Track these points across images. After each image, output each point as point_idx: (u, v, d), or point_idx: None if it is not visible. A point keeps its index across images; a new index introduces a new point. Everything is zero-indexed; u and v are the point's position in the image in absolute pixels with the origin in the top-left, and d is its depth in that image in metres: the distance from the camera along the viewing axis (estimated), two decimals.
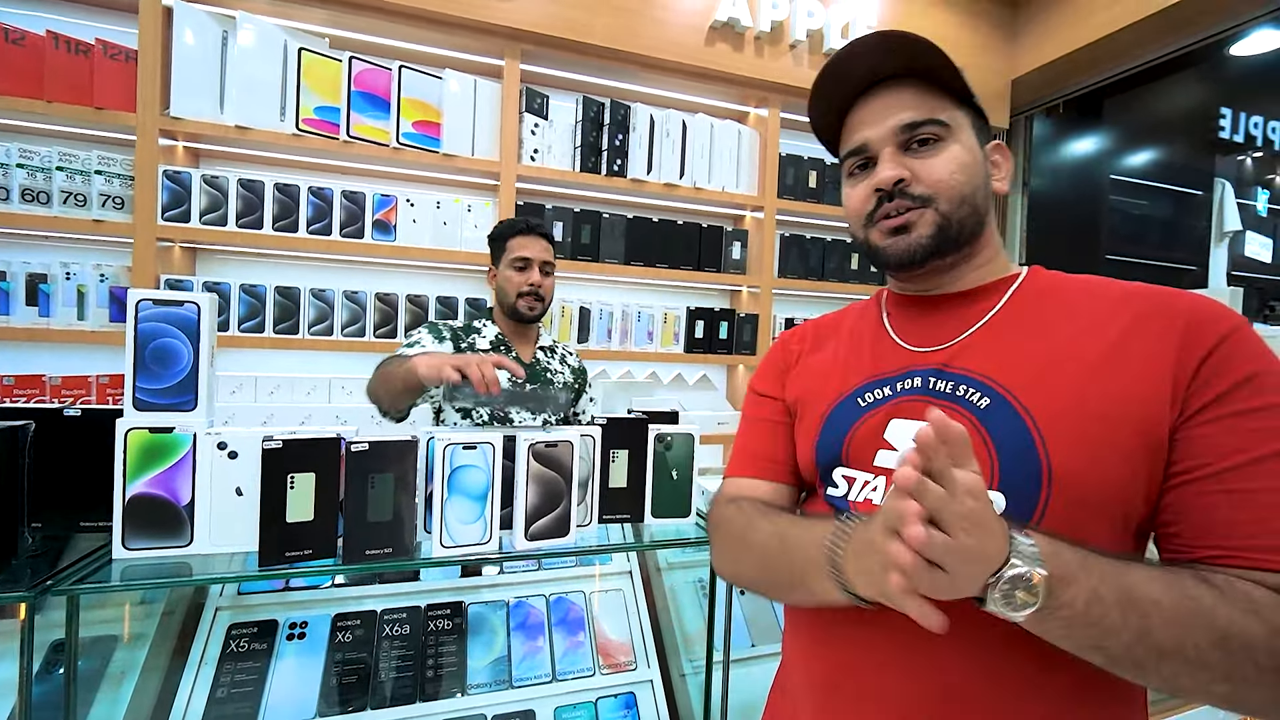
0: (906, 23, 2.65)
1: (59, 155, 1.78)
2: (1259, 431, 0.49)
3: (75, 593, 0.74)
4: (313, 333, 2.02)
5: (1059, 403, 0.54)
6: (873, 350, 0.68)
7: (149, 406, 0.83)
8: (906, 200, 0.62)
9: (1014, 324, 0.61)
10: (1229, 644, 0.44)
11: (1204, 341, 0.52)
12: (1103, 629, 0.45)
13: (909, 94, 0.63)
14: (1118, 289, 0.60)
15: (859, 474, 0.64)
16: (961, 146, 0.62)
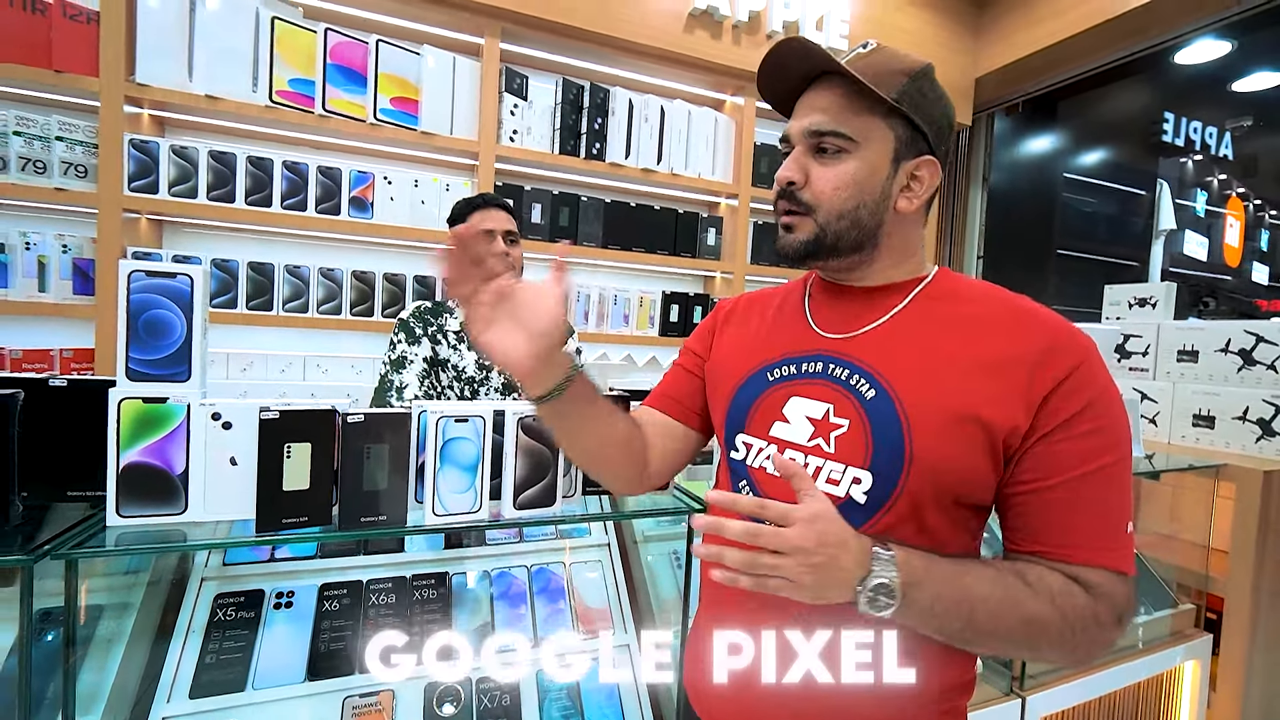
0: (876, 16, 2.73)
1: (15, 120, 1.71)
2: (1085, 453, 0.59)
3: (73, 557, 0.76)
4: (287, 310, 2.00)
5: (929, 401, 0.62)
6: (790, 330, 0.75)
7: (142, 377, 0.84)
8: (796, 204, 0.68)
9: (909, 324, 0.67)
10: (1031, 626, 0.58)
11: (1058, 369, 0.60)
12: (942, 620, 0.58)
13: (834, 97, 0.65)
14: (1001, 304, 0.66)
15: (756, 441, 0.71)
16: (860, 163, 0.65)
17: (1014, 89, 3.10)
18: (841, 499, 0.64)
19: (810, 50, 0.65)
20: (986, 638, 0.59)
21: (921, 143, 0.67)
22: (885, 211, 0.67)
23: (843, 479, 0.64)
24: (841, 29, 2.60)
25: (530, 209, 2.27)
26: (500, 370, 1.56)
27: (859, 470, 0.63)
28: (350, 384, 2.05)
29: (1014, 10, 2.85)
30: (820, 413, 0.67)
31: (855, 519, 0.61)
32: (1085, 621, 0.58)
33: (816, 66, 0.67)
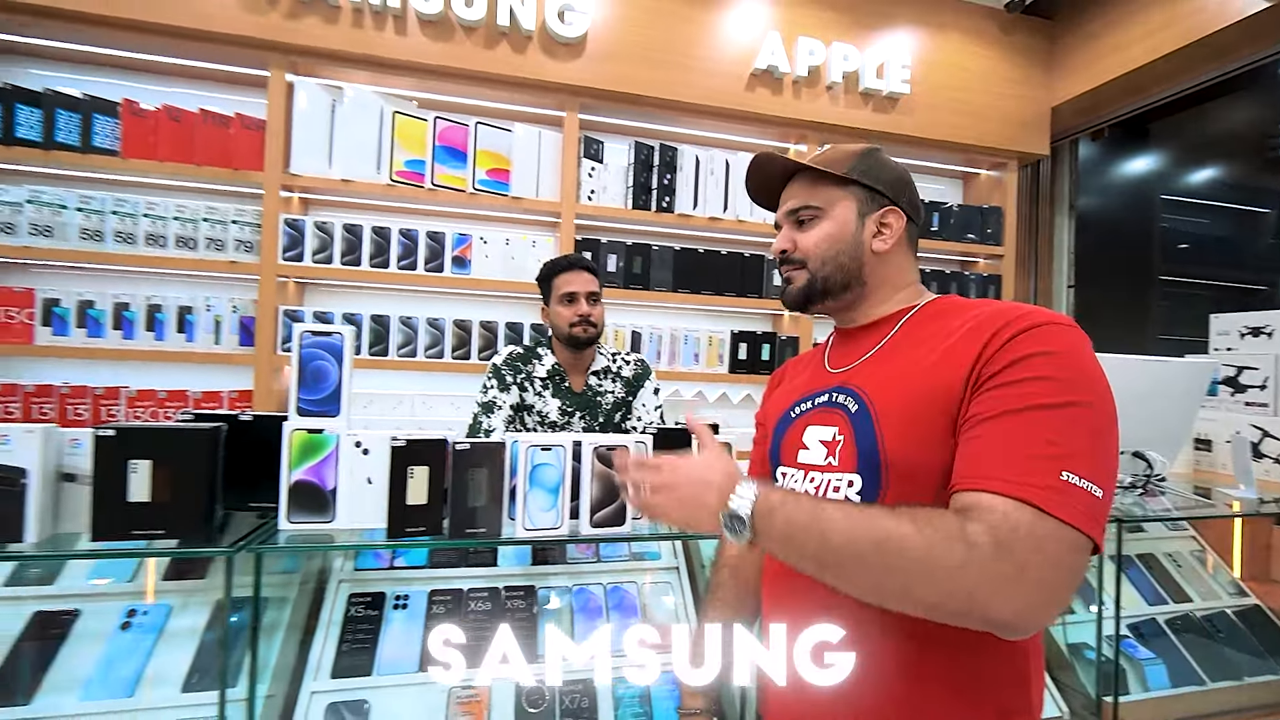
0: (939, 59, 2.79)
1: (205, 209, 2.15)
2: (1013, 395, 0.60)
3: (262, 551, 0.99)
4: (400, 354, 2.31)
5: (895, 404, 0.71)
6: (812, 374, 0.89)
7: (307, 413, 1.08)
8: (790, 264, 0.86)
9: (896, 346, 0.78)
10: (885, 546, 0.56)
11: (1004, 335, 0.64)
12: (799, 542, 0.61)
13: (799, 187, 0.85)
14: (985, 309, 0.71)
15: (790, 470, 0.82)
16: (831, 223, 0.82)
17: (1096, 115, 3.02)
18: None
19: (776, 159, 0.86)
20: (845, 562, 0.58)
21: (881, 199, 0.82)
22: (863, 254, 0.82)
23: (842, 485, 0.74)
24: (902, 74, 2.69)
25: (606, 259, 2.49)
26: (582, 416, 1.74)
27: (851, 474, 0.73)
28: (450, 419, 2.32)
29: (1089, 40, 2.81)
30: (830, 435, 0.78)
31: None
32: (948, 539, 0.54)
33: (785, 170, 0.87)
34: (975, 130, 2.84)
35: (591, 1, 2.38)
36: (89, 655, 1.13)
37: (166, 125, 2.12)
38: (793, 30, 2.59)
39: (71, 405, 2.06)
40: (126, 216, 2.11)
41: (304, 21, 2.16)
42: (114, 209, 2.10)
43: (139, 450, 0.96)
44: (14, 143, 2.02)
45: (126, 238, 2.11)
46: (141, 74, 2.27)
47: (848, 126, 2.67)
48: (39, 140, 2.04)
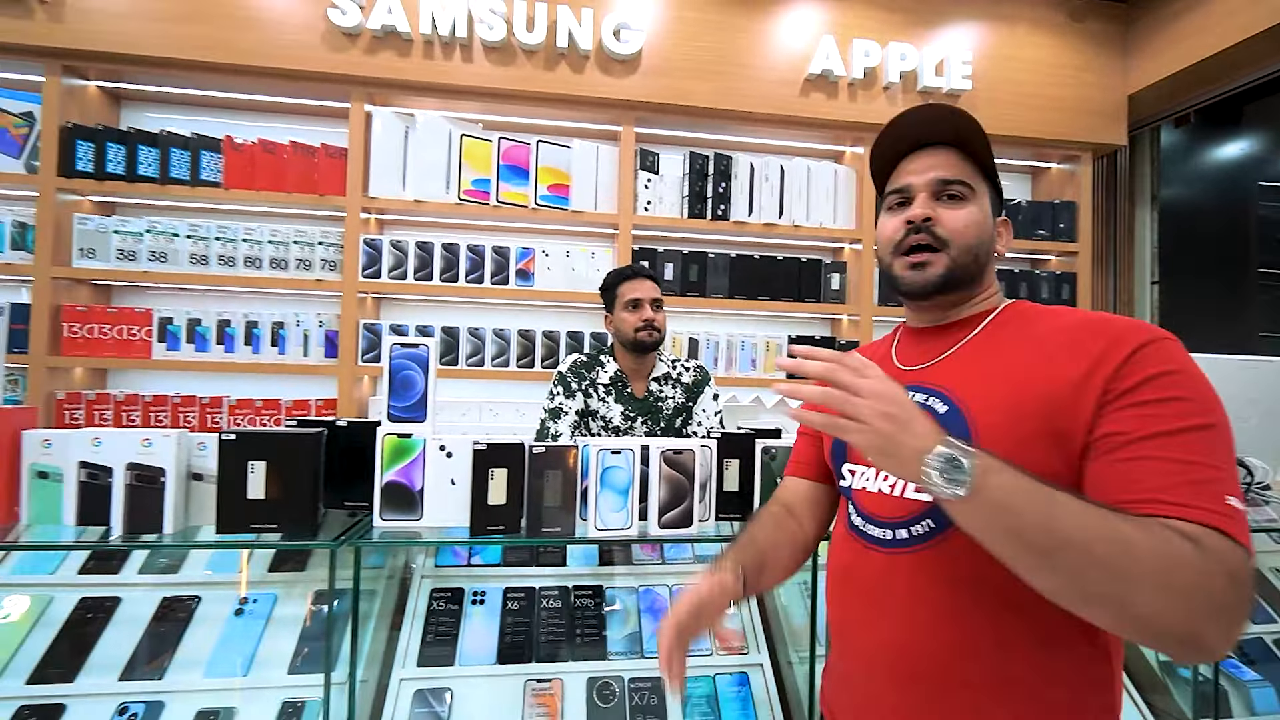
0: (1002, 52, 2.70)
1: (295, 232, 2.34)
2: (1159, 417, 0.58)
3: (361, 545, 1.08)
4: (468, 364, 2.43)
5: (992, 408, 0.68)
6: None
7: (397, 419, 1.18)
8: (929, 236, 0.76)
9: (979, 348, 0.76)
10: (1120, 546, 0.51)
11: (1122, 350, 0.62)
12: (1017, 512, 0.53)
13: (949, 157, 0.77)
14: (1070, 317, 0.70)
15: (858, 467, 0.81)
16: (979, 209, 0.77)
17: (1179, 100, 2.85)
18: (930, 503, 0.70)
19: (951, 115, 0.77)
20: (1070, 552, 0.52)
21: (999, 205, 0.81)
22: (991, 253, 0.79)
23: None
24: (964, 70, 2.62)
25: (663, 268, 2.54)
26: (644, 421, 1.79)
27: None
28: (516, 425, 2.42)
29: (1167, 23, 2.66)
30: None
31: (943, 520, 0.67)
32: (1187, 562, 0.51)
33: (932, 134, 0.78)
34: (1044, 123, 2.73)
35: (646, 18, 2.45)
36: (209, 637, 1.26)
37: (262, 157, 2.33)
38: (847, 33, 2.57)
39: (182, 413, 2.28)
40: (228, 241, 2.32)
41: (380, 55, 2.33)
42: (217, 235, 2.32)
43: (256, 452, 1.07)
44: (136, 179, 2.26)
45: (228, 261, 2.32)
46: (240, 112, 2.50)
47: None
48: (155, 176, 2.28)
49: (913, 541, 0.72)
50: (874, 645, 0.74)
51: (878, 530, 0.75)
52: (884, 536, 0.74)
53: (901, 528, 0.73)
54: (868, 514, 0.77)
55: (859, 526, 0.78)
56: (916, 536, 0.71)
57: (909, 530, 0.72)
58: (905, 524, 0.73)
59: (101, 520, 1.07)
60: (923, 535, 0.71)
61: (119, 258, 2.26)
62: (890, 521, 0.74)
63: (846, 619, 0.80)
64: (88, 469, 1.07)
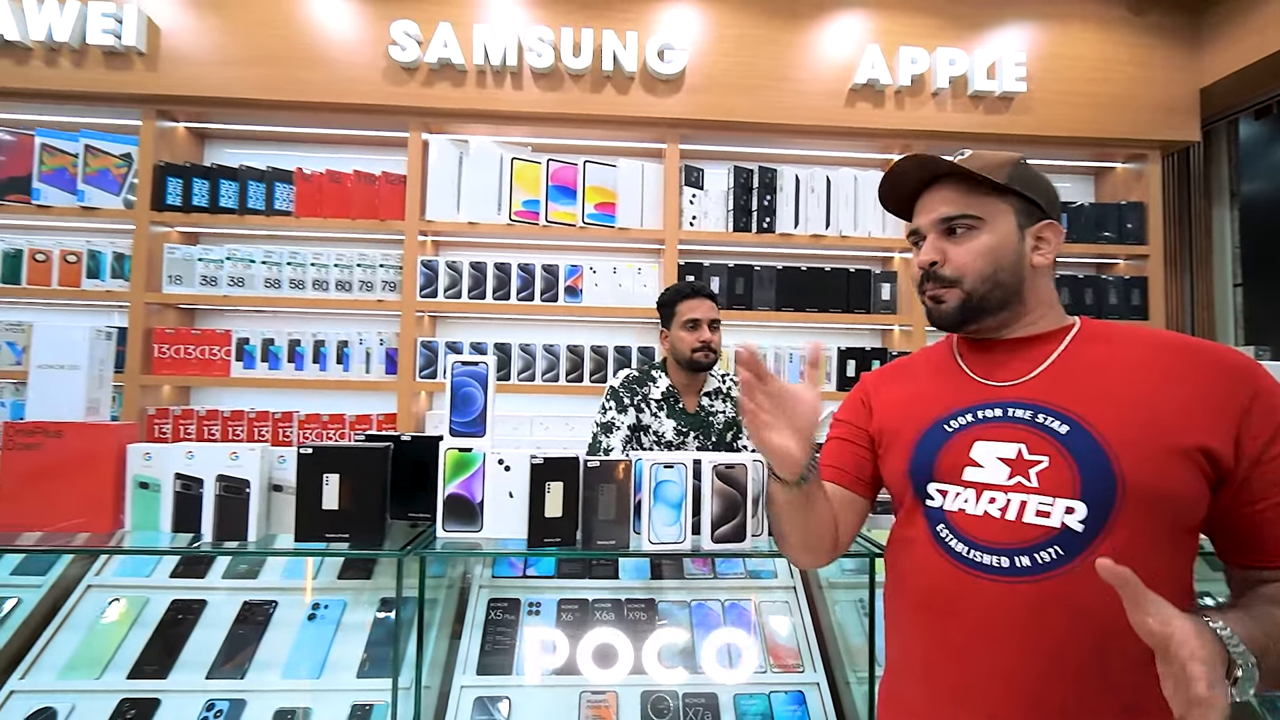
0: (1061, 50, 2.62)
1: (358, 256, 2.48)
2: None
3: (426, 555, 1.13)
4: (520, 379, 2.50)
5: (1125, 426, 0.68)
6: (951, 386, 0.82)
7: (459, 434, 1.23)
8: (938, 280, 0.79)
9: (1076, 364, 0.75)
10: None
11: (1245, 387, 0.67)
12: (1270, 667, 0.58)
13: (951, 193, 0.78)
14: (1159, 337, 0.74)
15: (950, 487, 0.76)
16: (991, 235, 0.76)
17: (1258, 92, 2.68)
18: (1057, 529, 0.68)
19: (930, 160, 0.79)
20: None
21: (1038, 211, 0.79)
22: (1023, 269, 0.78)
23: (1054, 510, 0.69)
24: (1017, 72, 2.55)
25: (710, 282, 2.55)
26: (695, 436, 1.80)
27: (1070, 500, 0.68)
28: (565, 438, 2.47)
29: (1244, 10, 2.51)
30: (1012, 453, 0.72)
31: (1075, 547, 0.66)
32: None
33: (933, 173, 0.80)
34: (1107, 122, 2.62)
35: (689, 37, 2.49)
36: (285, 640, 1.33)
37: (329, 187, 2.48)
38: (893, 41, 2.54)
39: (257, 428, 2.43)
40: (298, 266, 2.47)
41: (436, 87, 2.45)
42: (289, 260, 2.47)
43: (330, 465, 1.14)
44: (218, 211, 2.45)
45: (298, 284, 2.47)
46: (309, 145, 2.67)
47: (956, 132, 2.57)
48: (235, 207, 2.46)
49: (1037, 570, 0.68)
50: (984, 676, 0.70)
51: (990, 557, 0.70)
52: (998, 564, 0.70)
53: (1023, 554, 0.69)
54: (973, 539, 0.73)
55: (961, 553, 0.73)
56: (1043, 564, 0.68)
57: (1033, 558, 0.68)
58: (1028, 551, 0.69)
59: (193, 528, 1.16)
60: (1050, 563, 0.67)
61: (202, 283, 2.45)
62: (1008, 548, 0.70)
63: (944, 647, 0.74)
64: (182, 480, 1.16)
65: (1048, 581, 0.67)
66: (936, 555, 0.76)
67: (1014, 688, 0.68)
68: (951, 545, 0.74)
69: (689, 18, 2.51)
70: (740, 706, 1.29)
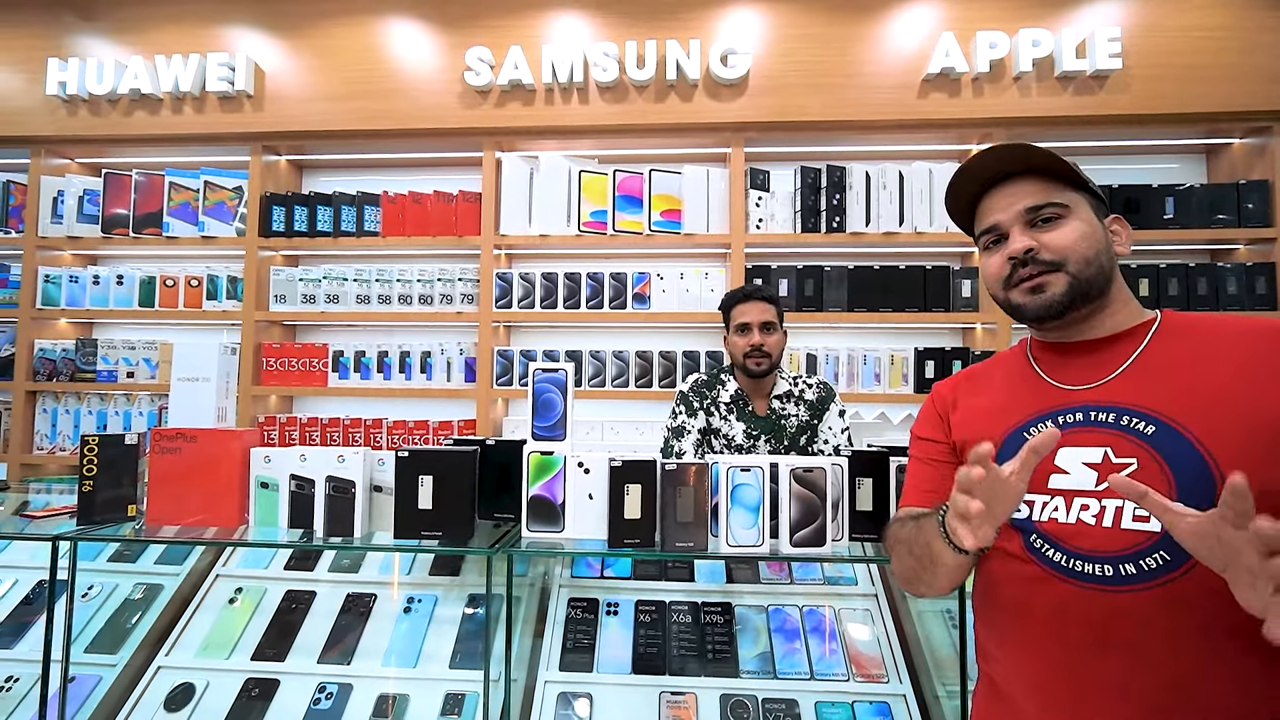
0: (1161, 21, 2.42)
1: (438, 271, 2.63)
2: None
3: (514, 553, 1.19)
4: (590, 385, 2.56)
5: (1219, 422, 0.65)
6: (1030, 392, 0.80)
7: (540, 438, 1.28)
8: (1038, 265, 0.75)
9: (1158, 361, 0.72)
10: None
11: None
12: None
13: (1030, 185, 0.77)
14: (1244, 323, 0.71)
15: (1037, 497, 0.74)
16: (1080, 220, 0.76)
17: None
18: (1159, 533, 0.65)
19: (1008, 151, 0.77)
20: None
21: (1103, 207, 0.80)
22: (1110, 256, 0.77)
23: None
24: (1111, 48, 2.37)
25: (777, 283, 2.53)
26: (766, 440, 1.79)
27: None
28: (635, 442, 2.50)
29: None
30: (1098, 457, 0.70)
31: (1180, 550, 0.63)
32: None
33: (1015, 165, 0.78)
34: (1217, 95, 2.39)
35: (751, 40, 2.49)
36: (384, 630, 1.43)
37: (411, 207, 2.64)
38: (969, 27, 2.43)
39: (351, 433, 2.61)
40: (385, 282, 2.65)
41: (508, 108, 2.57)
42: (376, 277, 2.66)
43: (425, 468, 1.22)
44: (316, 234, 2.67)
45: (385, 299, 2.65)
46: (393, 169, 2.87)
47: (1042, 117, 2.42)
48: (330, 230, 2.67)
49: (1145, 576, 0.66)
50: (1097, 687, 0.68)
51: (1091, 566, 0.69)
52: (1103, 573, 0.68)
53: (1127, 562, 0.67)
54: (1072, 548, 0.70)
55: (1060, 563, 0.71)
56: (1149, 571, 0.66)
57: (1137, 565, 0.66)
58: (1131, 558, 0.67)
59: (306, 524, 1.27)
60: (1157, 570, 0.65)
61: (303, 301, 2.67)
62: (1110, 556, 0.68)
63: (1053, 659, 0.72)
64: (296, 480, 1.28)
65: (1158, 589, 0.65)
66: (1034, 566, 0.73)
67: (1131, 698, 0.66)
68: (1049, 555, 0.72)
69: (751, 21, 2.50)
70: (823, 715, 1.27)
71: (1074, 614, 0.69)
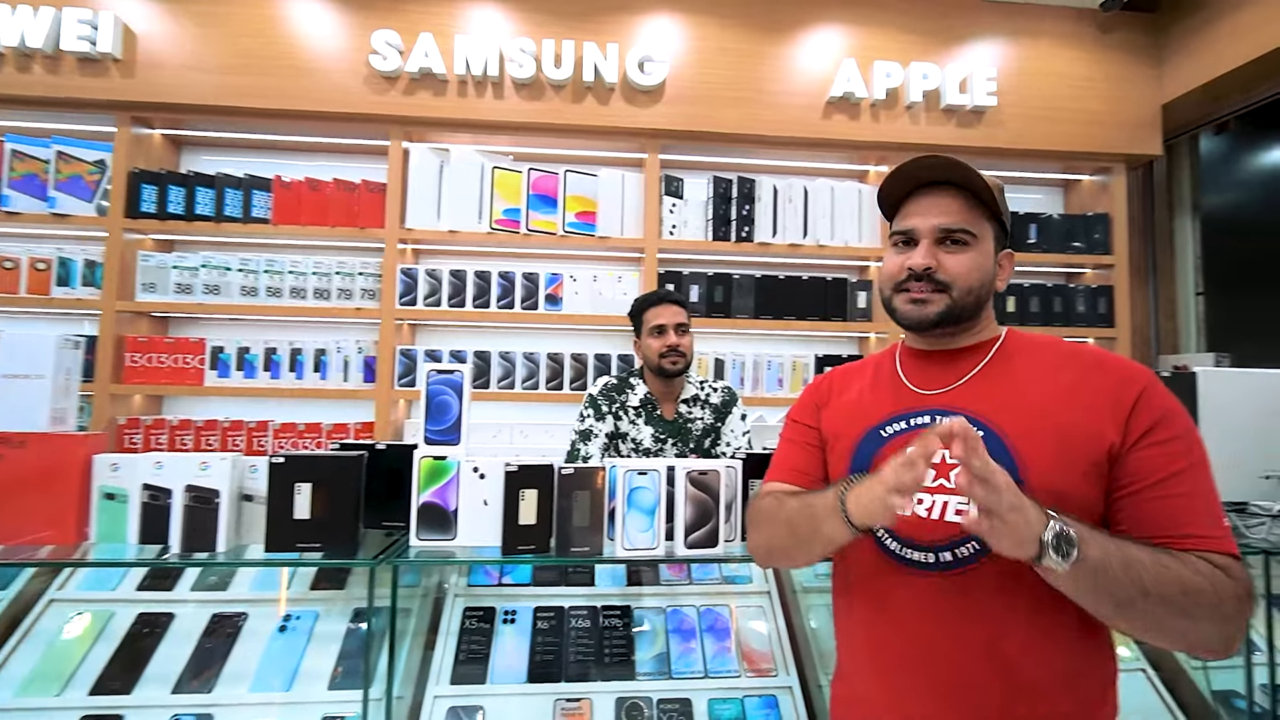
0: (1028, 67, 2.70)
1: (336, 264, 2.47)
2: (1172, 455, 0.70)
3: (398, 563, 1.12)
4: (499, 386, 2.50)
5: (1031, 433, 0.74)
6: (890, 393, 0.88)
7: (433, 442, 1.23)
8: (930, 284, 0.80)
9: (995, 374, 0.81)
10: (1189, 594, 0.63)
11: (1133, 389, 0.73)
12: (1111, 575, 0.63)
13: (954, 201, 0.80)
14: (1066, 348, 0.81)
15: None
16: (979, 252, 0.81)
17: (1217, 108, 2.78)
18: None
19: (955, 165, 0.79)
20: (1151, 602, 0.62)
21: (1004, 239, 0.86)
22: (991, 289, 0.84)
23: (968, 509, 0.71)
24: (988, 86, 2.62)
25: (688, 289, 2.58)
26: (674, 443, 1.81)
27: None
28: (545, 446, 2.47)
29: (1203, 29, 2.61)
30: (937, 458, 0.76)
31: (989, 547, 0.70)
32: (1231, 594, 0.64)
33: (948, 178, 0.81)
34: (1074, 136, 2.70)
35: (669, 49, 2.53)
36: (255, 652, 1.31)
37: (307, 195, 2.47)
38: (869, 55, 2.60)
39: (231, 437, 2.39)
40: (275, 274, 2.46)
41: (418, 96, 2.46)
42: (266, 268, 2.45)
43: (303, 475, 1.14)
44: (194, 218, 2.43)
45: (275, 292, 2.45)
46: (288, 153, 2.66)
47: (930, 144, 2.63)
48: (212, 215, 2.44)
49: (958, 563, 0.75)
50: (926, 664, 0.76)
51: (919, 554, 0.77)
52: (926, 560, 0.77)
53: (945, 550, 0.76)
54: (904, 538, 0.79)
55: (895, 550, 0.79)
56: (963, 559, 0.75)
57: (953, 552, 0.75)
58: (949, 547, 0.75)
59: (161, 539, 1.14)
60: (969, 557, 0.74)
61: (176, 291, 2.42)
62: (933, 545, 0.76)
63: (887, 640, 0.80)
64: (150, 490, 1.15)
65: (968, 574, 0.74)
66: (875, 554, 0.82)
67: (950, 673, 0.74)
68: (887, 544, 0.80)
69: (669, 30, 2.55)
70: (714, 712, 1.30)
71: (903, 597, 0.78)
